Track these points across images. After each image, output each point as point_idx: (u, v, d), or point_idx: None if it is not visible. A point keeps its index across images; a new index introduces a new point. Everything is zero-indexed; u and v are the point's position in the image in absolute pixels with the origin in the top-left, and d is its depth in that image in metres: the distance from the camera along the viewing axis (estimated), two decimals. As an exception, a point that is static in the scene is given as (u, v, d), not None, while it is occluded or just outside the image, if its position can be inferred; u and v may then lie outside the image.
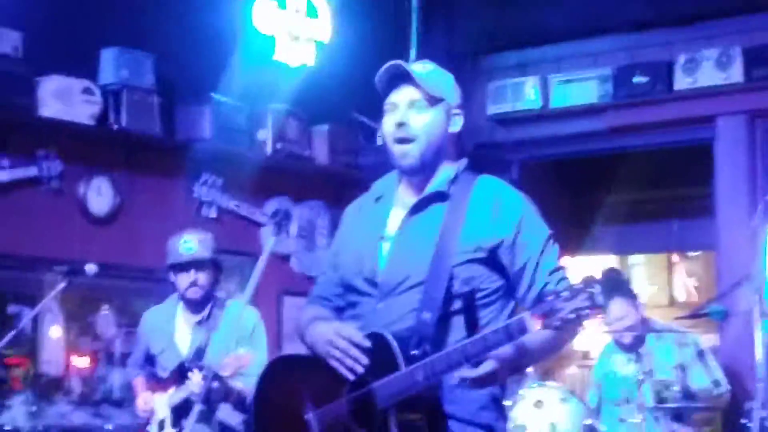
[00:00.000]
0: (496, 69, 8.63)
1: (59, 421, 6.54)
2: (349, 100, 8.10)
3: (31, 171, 6.54)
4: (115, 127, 6.67)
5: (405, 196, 3.45)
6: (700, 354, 6.72)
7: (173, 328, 5.57)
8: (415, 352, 3.11)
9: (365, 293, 3.33)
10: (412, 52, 8.36)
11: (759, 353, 3.89)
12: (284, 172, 7.79)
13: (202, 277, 5.43)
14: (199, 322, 5.43)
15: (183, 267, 5.44)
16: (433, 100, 3.43)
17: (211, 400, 5.11)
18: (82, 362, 6.73)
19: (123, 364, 6.83)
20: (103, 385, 6.83)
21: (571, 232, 10.43)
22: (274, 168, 7.54)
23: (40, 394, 6.50)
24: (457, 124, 3.57)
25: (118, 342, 6.89)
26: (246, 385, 5.28)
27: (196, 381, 5.06)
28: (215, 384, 5.03)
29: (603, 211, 9.46)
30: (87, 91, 6.59)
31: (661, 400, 6.36)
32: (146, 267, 7.00)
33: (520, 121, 8.49)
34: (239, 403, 5.29)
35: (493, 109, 8.51)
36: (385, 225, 3.40)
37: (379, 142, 8.34)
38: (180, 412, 5.23)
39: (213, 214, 7.36)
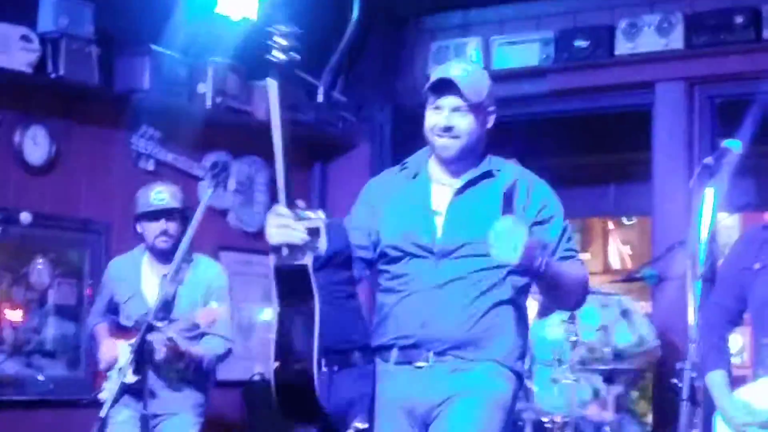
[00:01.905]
0: (439, 29, 8.62)
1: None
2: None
3: (-34, 118, 6.47)
4: (53, 75, 6.58)
5: (443, 177, 4.11)
6: (624, 312, 6.80)
7: (140, 278, 5.65)
8: None
9: (418, 255, 3.95)
10: (355, 10, 8.31)
11: (691, 315, 3.96)
12: (223, 127, 7.73)
13: (172, 227, 5.58)
14: (167, 275, 5.41)
15: (153, 215, 5.58)
16: (474, 105, 4.07)
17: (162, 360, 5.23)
18: (14, 313, 6.66)
19: (57, 315, 6.81)
20: (36, 335, 6.77)
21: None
22: (213, 122, 7.48)
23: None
24: (491, 121, 4.23)
25: (52, 293, 6.82)
26: (209, 345, 5.36)
27: (159, 347, 5.18)
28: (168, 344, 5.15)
29: (542, 175, 9.47)
30: (25, 38, 6.49)
31: (588, 361, 6.44)
32: (82, 218, 6.97)
33: (462, 82, 8.49)
34: (195, 366, 5.41)
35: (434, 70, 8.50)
36: (431, 199, 4.06)
37: (319, 99, 8.33)
38: (143, 359, 5.26)
39: (150, 166, 7.29)
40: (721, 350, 4.39)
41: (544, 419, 6.35)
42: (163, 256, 5.60)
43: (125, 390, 5.18)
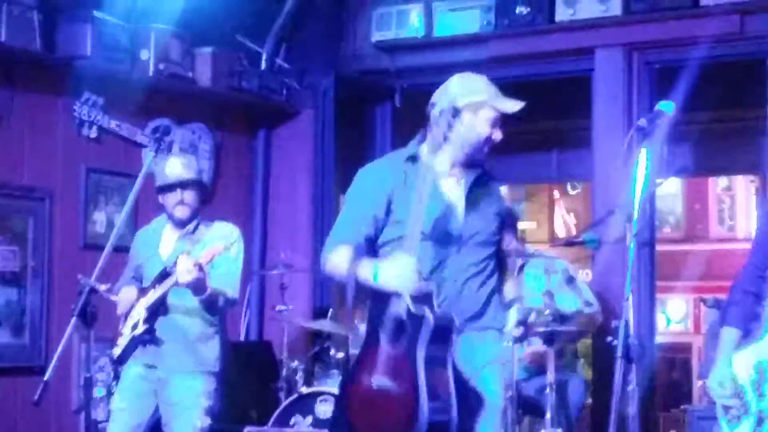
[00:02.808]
0: (382, -5, 8.67)
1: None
2: (233, 23, 8.07)
3: None
4: (-6, 42, 6.55)
5: (450, 171, 4.64)
6: (569, 279, 6.90)
7: (158, 240, 5.91)
8: None
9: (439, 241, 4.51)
10: (297, -22, 8.35)
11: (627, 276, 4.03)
12: (166, 94, 7.72)
13: (188, 196, 5.83)
14: (184, 235, 5.79)
15: (170, 188, 5.81)
16: None
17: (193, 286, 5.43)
18: (-43, 280, 6.67)
19: (1, 283, 6.80)
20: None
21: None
22: (156, 89, 7.46)
23: None
24: None
25: (-4, 259, 6.84)
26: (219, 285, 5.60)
27: (184, 266, 5.34)
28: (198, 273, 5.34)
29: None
30: (-36, 4, 6.46)
31: (530, 324, 6.51)
32: (25, 185, 6.94)
33: (404, 48, 8.55)
34: (211, 301, 5.61)
35: (377, 36, 8.54)
36: (441, 191, 4.58)
37: (262, 65, 8.35)
38: (155, 311, 5.59)
39: (93, 133, 7.29)
40: (738, 305, 4.24)
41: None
42: (183, 224, 5.86)
43: (137, 343, 5.56)
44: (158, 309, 5.59)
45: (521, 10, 8.00)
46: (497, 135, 4.69)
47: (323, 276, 8.24)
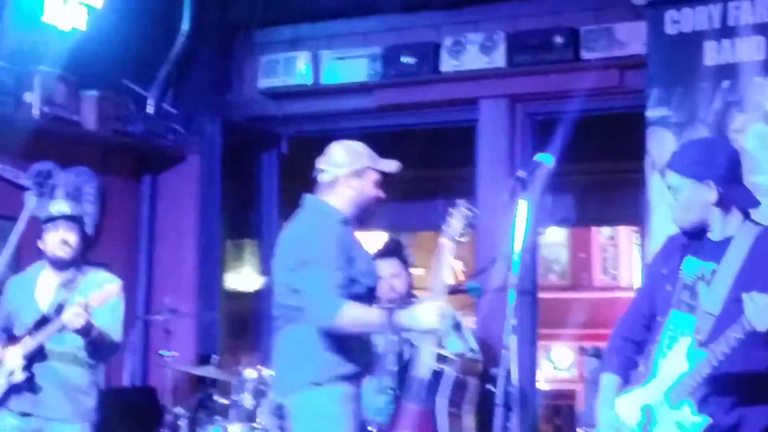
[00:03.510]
0: (269, 43, 8.72)
1: None
2: (119, 67, 8.04)
3: None
4: None
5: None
6: (457, 326, 6.97)
7: (34, 286, 5.77)
8: None
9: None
10: (185, 22, 8.35)
11: (507, 325, 4.10)
12: (51, 136, 7.65)
13: (71, 237, 5.75)
14: (64, 284, 5.69)
15: (53, 223, 5.74)
16: None
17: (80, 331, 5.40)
18: None
19: None
20: None
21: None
22: (40, 131, 7.38)
23: None
24: None
25: None
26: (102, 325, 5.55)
27: (70, 312, 5.31)
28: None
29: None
30: None
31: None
32: None
33: (291, 95, 8.60)
34: (98, 342, 5.57)
35: (264, 83, 8.58)
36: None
37: (149, 110, 8.33)
38: (33, 358, 5.51)
39: (-25, 176, 7.21)
40: (618, 353, 4.25)
41: (370, 428, 6.46)
42: (62, 265, 5.77)
43: (13, 391, 5.48)
44: (36, 356, 5.51)
45: (407, 60, 8.11)
46: (381, 194, 5.07)
47: (206, 321, 8.34)
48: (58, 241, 5.73)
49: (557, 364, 13.74)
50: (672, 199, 4.03)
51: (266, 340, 8.43)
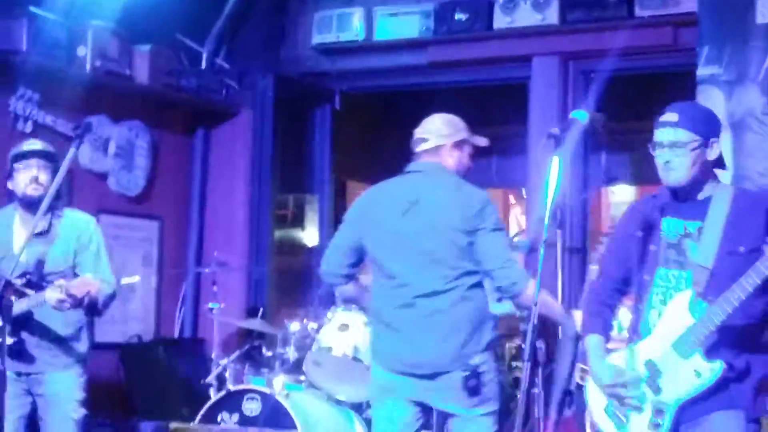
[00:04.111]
0: (323, -1, 8.72)
1: None
2: (173, 21, 8.08)
3: None
4: (-73, 35, 6.54)
5: None
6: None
7: (11, 237, 5.45)
8: None
9: None
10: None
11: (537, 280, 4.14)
12: (104, 91, 7.73)
13: (44, 175, 5.38)
14: (39, 234, 5.28)
15: (26, 158, 5.40)
16: None
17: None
18: None
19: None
20: None
21: (393, 165, 10.62)
22: (93, 86, 7.45)
23: None
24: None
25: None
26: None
27: (54, 296, 5.06)
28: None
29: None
30: None
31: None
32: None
33: (344, 51, 8.60)
34: (91, 305, 5.31)
35: (318, 39, 8.59)
36: None
37: (202, 65, 8.38)
38: (20, 322, 5.21)
39: (28, 128, 7.28)
40: (599, 316, 4.37)
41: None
42: (34, 206, 5.30)
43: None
44: (23, 320, 5.24)
45: (460, 16, 8.08)
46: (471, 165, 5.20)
47: (256, 275, 8.41)
48: (30, 178, 5.38)
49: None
50: (667, 157, 4.07)
51: (313, 295, 8.54)
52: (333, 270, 5.23)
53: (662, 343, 4.10)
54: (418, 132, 5.17)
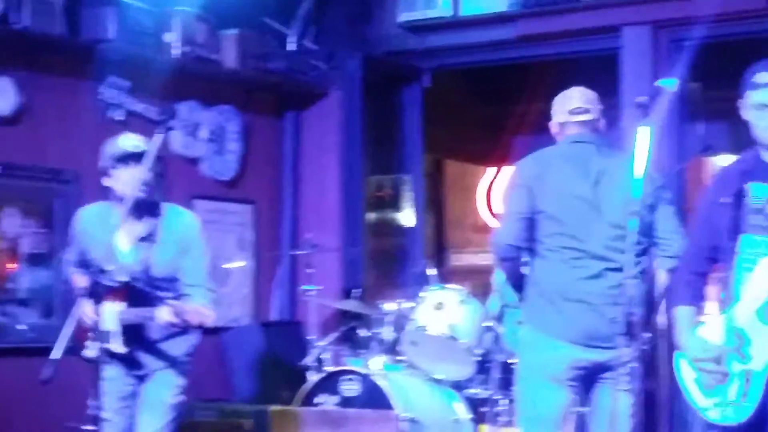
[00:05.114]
0: (409, -24, 8.65)
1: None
2: (260, 5, 8.10)
3: (-70, 70, 6.51)
4: (17, 26, 6.59)
5: None
6: None
7: (113, 234, 5.14)
8: None
9: None
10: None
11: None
12: (192, 76, 7.77)
13: (149, 175, 5.10)
14: (142, 239, 5.22)
15: (129, 160, 5.11)
16: None
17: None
18: (-15, 263, 6.76)
19: (29, 264, 6.89)
20: (9, 284, 6.85)
21: (483, 141, 10.56)
22: (181, 71, 7.50)
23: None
24: None
25: (23, 242, 6.91)
26: (198, 301, 5.20)
27: (165, 317, 5.01)
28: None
29: (509, 121, 9.60)
30: (-15, -11, 6.53)
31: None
32: (53, 167, 7.04)
33: (431, 28, 8.52)
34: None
35: (404, 16, 8.52)
36: None
37: (290, 47, 8.38)
38: (131, 333, 5.14)
39: (120, 116, 7.35)
40: (689, 286, 4.33)
41: (511, 360, 6.45)
42: (137, 207, 5.10)
43: (112, 356, 5.12)
44: (134, 331, 5.16)
45: (548, -12, 7.97)
46: None
47: (350, 256, 8.40)
48: (134, 179, 5.06)
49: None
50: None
51: (408, 275, 8.53)
52: (510, 241, 5.03)
53: (748, 311, 4.04)
54: (578, 101, 5.19)
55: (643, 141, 3.98)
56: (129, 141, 5.22)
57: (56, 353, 4.42)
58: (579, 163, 5.01)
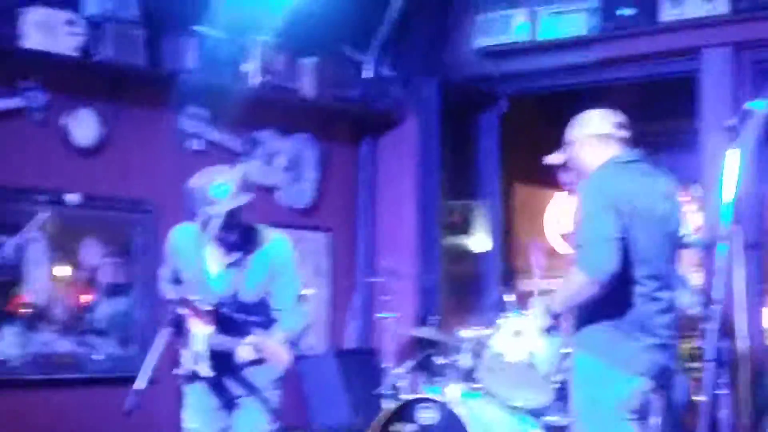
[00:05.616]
0: (485, 1, 8.61)
1: (43, 349, 6.63)
2: (336, 33, 8.12)
3: (15, 102, 6.58)
4: (99, 58, 6.68)
5: None
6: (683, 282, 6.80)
7: (204, 259, 5.18)
8: None
9: None
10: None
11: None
12: (271, 105, 7.81)
13: (239, 218, 5.05)
14: (232, 265, 5.16)
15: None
16: None
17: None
18: (66, 293, 6.80)
19: (107, 294, 6.94)
20: (88, 314, 6.90)
21: (555, 166, 10.45)
22: (259, 100, 7.55)
23: (26, 323, 6.59)
24: None
25: (103, 272, 6.96)
26: (288, 326, 5.18)
27: (245, 355, 5.02)
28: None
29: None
30: (69, 22, 6.62)
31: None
32: (132, 198, 7.10)
33: (508, 53, 8.48)
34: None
35: (481, 42, 8.50)
36: None
37: (366, 74, 8.38)
38: (219, 359, 5.09)
39: (198, 146, 7.39)
40: None
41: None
42: (226, 232, 5.03)
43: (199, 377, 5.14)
44: (222, 358, 5.10)
45: (626, 11, 7.90)
46: None
47: (426, 283, 8.36)
48: (224, 224, 4.96)
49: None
50: None
51: (485, 301, 8.46)
52: (612, 268, 4.53)
53: None
54: (620, 119, 5.16)
55: (732, 165, 3.88)
56: (219, 189, 5.02)
57: (140, 383, 4.39)
58: (652, 184, 4.85)
